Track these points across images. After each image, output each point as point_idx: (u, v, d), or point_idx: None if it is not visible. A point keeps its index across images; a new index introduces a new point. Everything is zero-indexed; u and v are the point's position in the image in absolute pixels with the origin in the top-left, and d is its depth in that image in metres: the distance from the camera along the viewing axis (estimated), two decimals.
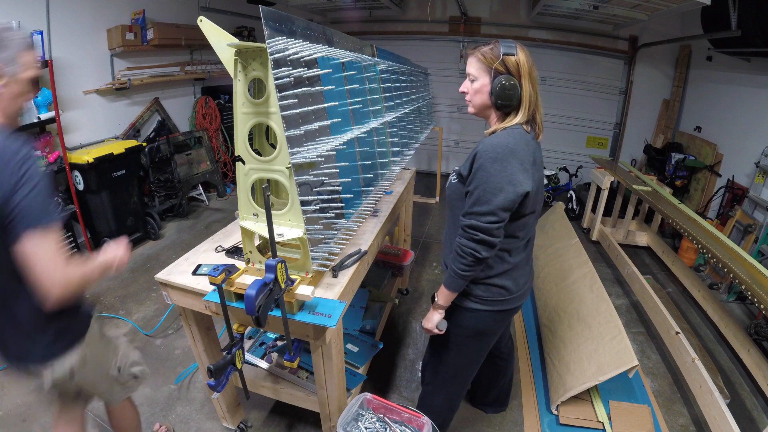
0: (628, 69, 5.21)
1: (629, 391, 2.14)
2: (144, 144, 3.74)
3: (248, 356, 1.85)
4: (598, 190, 3.98)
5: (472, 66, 1.28)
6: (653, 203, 3.20)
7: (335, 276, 1.37)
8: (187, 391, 2.11)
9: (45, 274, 0.90)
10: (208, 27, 1.14)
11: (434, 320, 1.38)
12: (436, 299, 1.37)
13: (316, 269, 1.27)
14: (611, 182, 3.89)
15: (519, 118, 1.23)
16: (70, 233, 3.09)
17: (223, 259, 1.49)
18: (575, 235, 3.09)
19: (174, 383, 2.15)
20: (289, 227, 1.22)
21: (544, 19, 5.09)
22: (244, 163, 1.21)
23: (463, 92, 1.33)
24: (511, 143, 1.18)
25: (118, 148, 3.30)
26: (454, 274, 1.26)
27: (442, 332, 1.40)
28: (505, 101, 1.21)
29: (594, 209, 4.14)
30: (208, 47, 1.15)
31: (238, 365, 1.25)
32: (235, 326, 1.29)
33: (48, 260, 0.90)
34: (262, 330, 1.98)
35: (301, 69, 1.14)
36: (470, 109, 1.34)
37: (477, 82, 1.27)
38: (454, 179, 1.35)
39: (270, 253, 1.13)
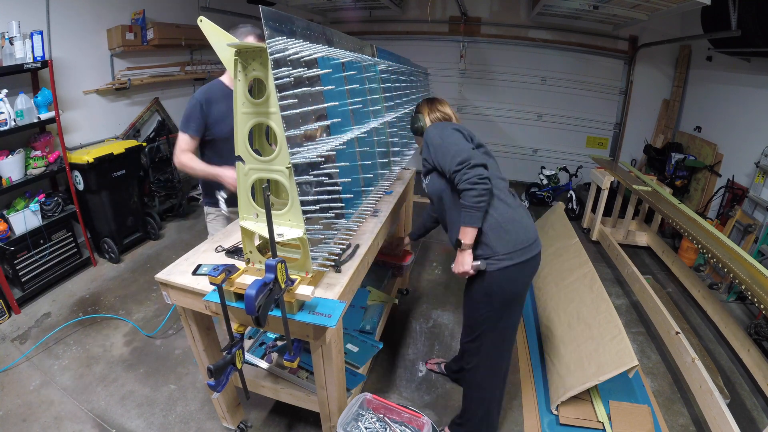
0: (628, 69, 5.20)
1: (629, 391, 2.14)
2: (144, 144, 3.74)
3: (248, 356, 1.85)
4: (598, 190, 3.98)
5: None
6: (653, 203, 3.20)
7: (338, 271, 1.37)
8: (187, 391, 2.11)
9: None
10: (208, 27, 1.14)
11: (467, 261, 1.46)
12: (461, 242, 1.45)
13: (316, 269, 1.27)
14: (611, 182, 3.89)
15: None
16: (70, 233, 3.09)
17: (223, 259, 1.49)
18: (575, 235, 3.08)
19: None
20: (289, 227, 1.22)
21: (544, 19, 5.09)
22: (244, 163, 1.21)
23: None
24: (436, 125, 1.60)
25: (118, 148, 3.30)
26: (472, 208, 1.39)
27: (483, 268, 1.46)
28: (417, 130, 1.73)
29: (594, 209, 4.14)
30: (208, 47, 1.15)
31: (238, 365, 1.25)
32: (235, 326, 1.29)
33: None
34: (262, 330, 1.98)
35: (301, 69, 1.14)
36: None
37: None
38: (427, 180, 1.63)
39: (270, 253, 1.13)
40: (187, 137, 1.84)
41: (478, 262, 1.46)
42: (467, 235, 1.44)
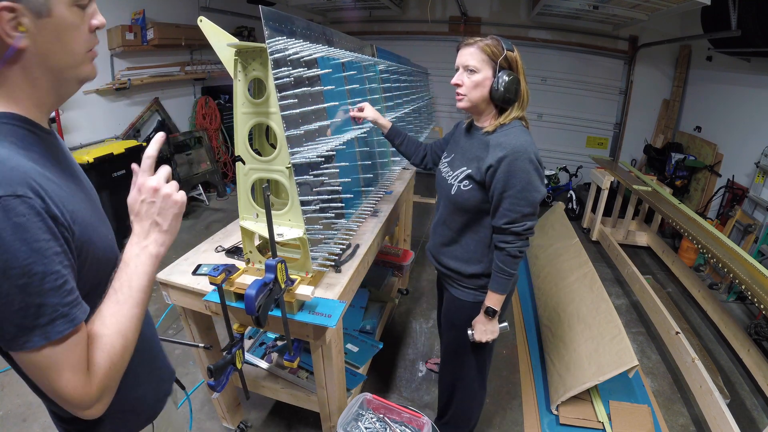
0: (628, 69, 5.20)
1: (629, 391, 2.14)
2: (144, 144, 3.74)
3: (248, 356, 1.85)
4: (598, 190, 3.98)
5: (474, 57, 1.21)
6: (653, 203, 3.20)
7: (338, 271, 1.37)
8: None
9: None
10: (208, 27, 1.14)
11: (494, 328, 1.36)
12: (492, 309, 1.32)
13: (316, 269, 1.27)
14: (611, 182, 3.89)
15: (516, 113, 1.25)
16: None
17: (223, 259, 1.49)
18: (575, 235, 3.08)
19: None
20: (289, 227, 1.22)
21: (544, 19, 5.09)
22: (244, 163, 1.21)
23: (456, 84, 1.26)
24: (530, 144, 1.20)
25: (118, 148, 3.30)
26: (508, 276, 1.27)
27: (507, 330, 1.41)
28: (508, 95, 1.21)
29: (594, 209, 4.14)
30: (208, 47, 1.15)
31: (238, 365, 1.25)
32: (235, 326, 1.28)
33: None
34: (262, 330, 1.98)
35: (301, 69, 1.14)
36: (462, 104, 1.28)
37: (478, 75, 1.21)
38: (466, 186, 1.28)
39: (270, 253, 1.13)
40: None
41: (505, 324, 1.38)
42: (498, 302, 1.31)
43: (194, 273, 1.20)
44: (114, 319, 0.63)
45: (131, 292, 0.65)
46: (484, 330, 1.36)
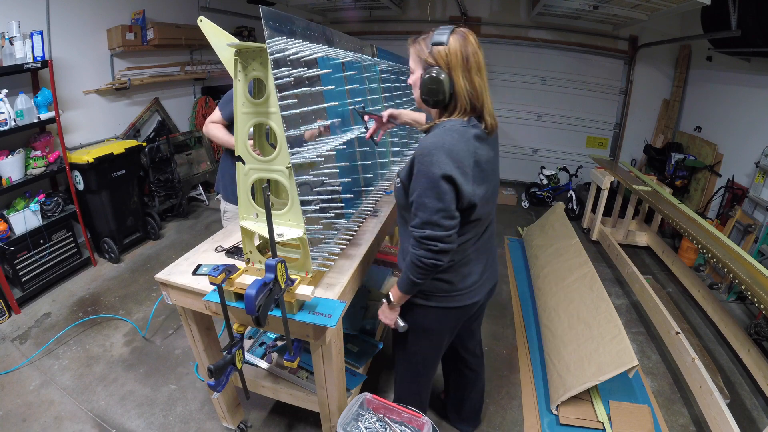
0: (628, 69, 5.20)
1: (629, 391, 2.14)
2: (144, 144, 3.74)
3: (248, 356, 1.85)
4: (598, 190, 3.98)
5: (410, 58, 1.20)
6: (653, 203, 3.20)
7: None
8: (187, 391, 2.11)
9: None
10: (208, 27, 1.14)
11: (392, 317, 1.38)
12: (390, 298, 1.33)
13: (316, 269, 1.27)
14: (611, 182, 3.89)
15: (456, 113, 1.15)
16: (70, 233, 3.08)
17: (223, 259, 1.49)
18: (575, 235, 3.08)
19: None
20: (289, 227, 1.22)
21: (544, 19, 5.09)
22: (244, 163, 1.21)
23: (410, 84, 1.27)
24: (447, 143, 1.08)
25: (118, 148, 3.30)
26: (410, 282, 1.22)
27: (403, 331, 1.40)
28: (429, 96, 1.12)
29: (594, 209, 4.13)
30: (208, 47, 1.15)
31: (238, 365, 1.25)
32: (235, 326, 1.29)
33: None
34: (262, 330, 1.98)
35: (301, 69, 1.14)
36: (417, 104, 1.26)
37: (413, 75, 1.20)
38: (398, 184, 1.27)
39: (270, 253, 1.13)
40: (219, 116, 1.94)
41: (402, 324, 1.38)
42: (397, 297, 1.30)
43: (194, 273, 1.20)
44: None
45: None
46: (381, 311, 1.40)
